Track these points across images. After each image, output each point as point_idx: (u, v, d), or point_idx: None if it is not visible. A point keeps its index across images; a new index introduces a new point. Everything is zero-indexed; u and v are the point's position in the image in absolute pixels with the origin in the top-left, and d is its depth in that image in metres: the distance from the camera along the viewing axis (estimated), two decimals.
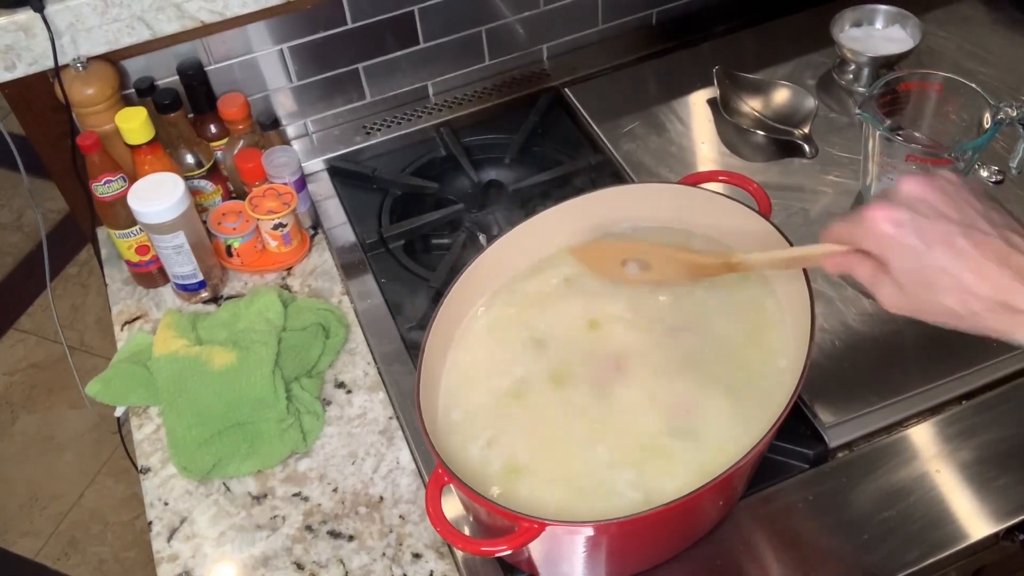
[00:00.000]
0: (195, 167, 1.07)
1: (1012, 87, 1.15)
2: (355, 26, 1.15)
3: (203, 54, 1.10)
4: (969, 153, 0.95)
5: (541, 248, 0.88)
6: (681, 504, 0.66)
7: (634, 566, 0.80)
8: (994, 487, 0.83)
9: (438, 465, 0.70)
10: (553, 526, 0.66)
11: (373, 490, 0.89)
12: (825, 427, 0.86)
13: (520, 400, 0.79)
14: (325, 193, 1.18)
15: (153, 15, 1.03)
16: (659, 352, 0.81)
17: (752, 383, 0.77)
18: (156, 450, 0.94)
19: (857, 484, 0.84)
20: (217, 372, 0.92)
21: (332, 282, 1.08)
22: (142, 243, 1.04)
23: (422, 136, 1.24)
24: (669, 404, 0.77)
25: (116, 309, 1.08)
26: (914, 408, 0.88)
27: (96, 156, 0.98)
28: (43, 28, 0.98)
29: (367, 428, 0.94)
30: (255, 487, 0.91)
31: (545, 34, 1.28)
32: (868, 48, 1.16)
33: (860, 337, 0.93)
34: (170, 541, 0.88)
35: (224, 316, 1.00)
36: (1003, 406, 0.88)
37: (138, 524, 1.96)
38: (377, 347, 1.00)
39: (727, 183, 0.89)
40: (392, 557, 0.84)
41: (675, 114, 1.19)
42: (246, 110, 1.09)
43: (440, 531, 0.68)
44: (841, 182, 1.08)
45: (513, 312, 0.85)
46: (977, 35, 1.23)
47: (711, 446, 0.74)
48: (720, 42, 1.30)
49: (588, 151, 1.19)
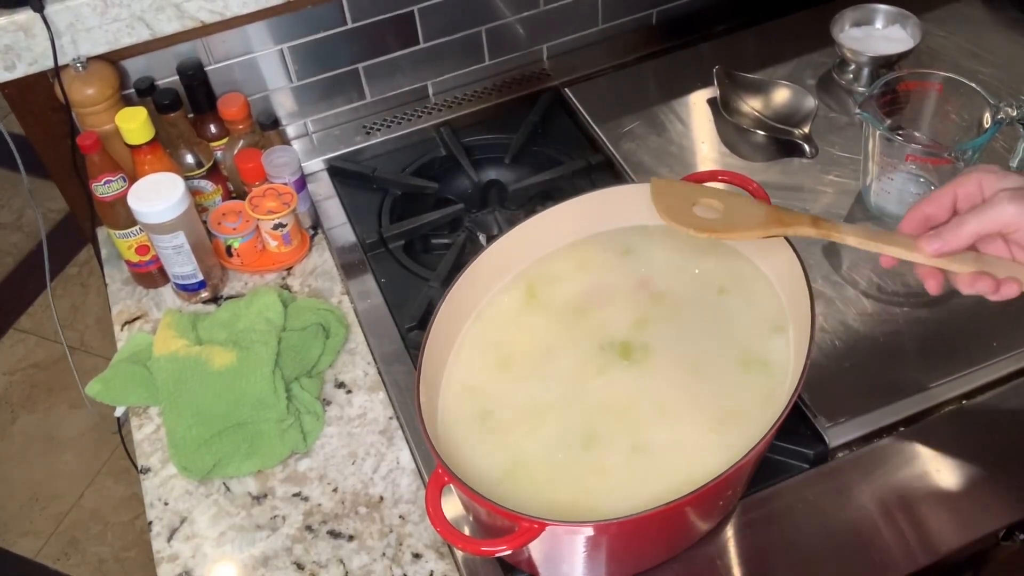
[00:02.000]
0: (195, 167, 1.07)
1: (1012, 87, 1.15)
2: (355, 26, 1.15)
3: (203, 54, 1.10)
4: (969, 153, 0.95)
5: (541, 248, 0.88)
6: (681, 504, 0.66)
7: (634, 566, 0.80)
8: (994, 487, 0.83)
9: (438, 465, 0.70)
10: (553, 526, 0.66)
11: (373, 490, 0.89)
12: (825, 427, 0.86)
13: (521, 400, 0.79)
14: (325, 193, 1.18)
15: (153, 15, 1.03)
16: (663, 352, 0.81)
17: (752, 383, 0.77)
18: (156, 450, 0.94)
19: (857, 484, 0.84)
20: (217, 372, 0.92)
21: (332, 282, 1.08)
22: (142, 243, 1.04)
23: (422, 136, 1.24)
24: (670, 404, 0.77)
25: (116, 309, 1.08)
26: (914, 408, 0.88)
27: (96, 156, 0.98)
28: (43, 28, 0.98)
29: (367, 428, 0.94)
30: (255, 487, 0.91)
31: (545, 34, 1.28)
32: (868, 48, 1.16)
33: (860, 337, 0.93)
34: (170, 541, 0.88)
35: (224, 316, 1.00)
36: (1003, 406, 0.88)
37: (138, 524, 1.96)
38: (377, 347, 1.00)
39: (727, 183, 0.89)
40: (392, 557, 0.84)
41: (675, 114, 1.19)
42: (246, 110, 1.09)
43: (440, 531, 0.68)
44: (841, 182, 1.08)
45: (514, 312, 0.85)
46: (977, 35, 1.23)
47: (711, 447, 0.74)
48: (720, 42, 1.30)
49: (588, 151, 1.19)
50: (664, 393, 0.78)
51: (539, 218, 0.86)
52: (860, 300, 0.96)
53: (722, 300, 0.83)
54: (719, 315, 0.82)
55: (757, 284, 0.84)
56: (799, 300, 0.76)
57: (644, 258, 0.87)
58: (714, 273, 0.85)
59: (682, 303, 0.84)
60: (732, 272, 0.85)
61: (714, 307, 0.83)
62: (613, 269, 0.87)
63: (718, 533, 0.82)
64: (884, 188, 1.02)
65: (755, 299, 0.83)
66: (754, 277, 0.84)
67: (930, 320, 0.94)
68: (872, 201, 1.04)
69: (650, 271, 0.86)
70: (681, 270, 0.86)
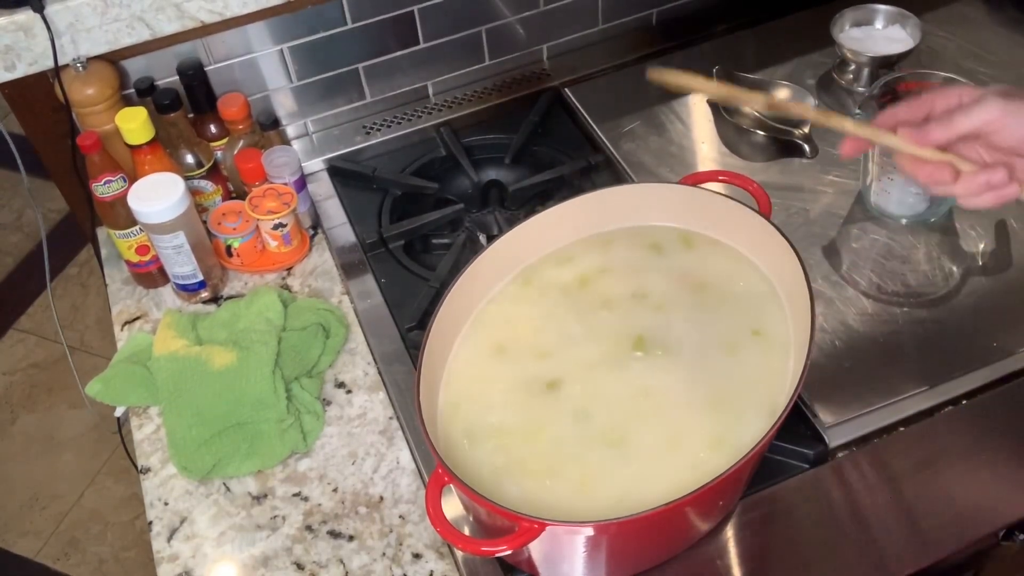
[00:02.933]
0: (195, 167, 1.07)
1: None
2: (355, 26, 1.15)
3: (203, 54, 1.10)
4: None
5: (541, 248, 0.88)
6: (681, 504, 0.66)
7: (634, 566, 0.80)
8: (994, 487, 0.83)
9: (438, 465, 0.70)
10: (553, 526, 0.66)
11: (373, 490, 0.89)
12: (825, 427, 0.87)
13: (521, 400, 0.79)
14: (325, 193, 1.18)
15: (153, 15, 1.03)
16: (661, 352, 0.81)
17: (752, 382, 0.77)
18: (156, 450, 0.94)
19: (857, 484, 0.84)
20: (217, 372, 0.92)
21: (332, 282, 1.08)
22: (142, 243, 1.04)
23: (422, 136, 1.24)
24: (671, 404, 0.77)
25: (116, 309, 1.08)
26: (914, 408, 0.88)
27: (96, 156, 0.98)
28: (43, 28, 0.98)
29: (367, 428, 0.94)
30: (255, 487, 0.91)
31: (545, 34, 1.28)
32: (868, 48, 1.16)
33: (860, 337, 0.93)
34: (170, 541, 0.88)
35: (224, 316, 1.00)
36: (1003, 406, 0.88)
37: (138, 524, 1.96)
38: (377, 347, 1.00)
39: (727, 183, 0.89)
40: (392, 557, 0.84)
41: (675, 114, 1.19)
42: (246, 110, 1.09)
43: (440, 531, 0.68)
44: (841, 182, 1.08)
45: (513, 312, 0.85)
46: (977, 35, 1.23)
47: (711, 446, 0.74)
48: (720, 42, 1.30)
49: (588, 151, 1.19)
50: (663, 393, 0.78)
51: (539, 218, 0.86)
52: (860, 300, 0.96)
53: (721, 300, 0.83)
54: (717, 315, 0.82)
55: (757, 284, 0.84)
56: (799, 300, 0.76)
57: (644, 258, 0.87)
58: (713, 273, 0.85)
59: (681, 303, 0.84)
60: (731, 272, 0.85)
61: (713, 307, 0.83)
62: (613, 269, 0.87)
63: (718, 533, 0.82)
64: (884, 188, 1.02)
65: (755, 299, 0.83)
66: (753, 277, 0.84)
67: (930, 320, 0.94)
68: (872, 201, 1.04)
69: (650, 271, 0.86)
70: (680, 270, 0.86)
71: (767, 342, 0.79)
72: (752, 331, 0.80)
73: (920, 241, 1.02)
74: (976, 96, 0.70)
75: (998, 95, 0.68)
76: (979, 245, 1.01)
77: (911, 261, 1.00)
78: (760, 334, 0.80)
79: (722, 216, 0.85)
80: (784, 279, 0.81)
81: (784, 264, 0.79)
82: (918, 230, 1.03)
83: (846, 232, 1.03)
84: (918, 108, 0.73)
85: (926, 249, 1.01)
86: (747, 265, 0.85)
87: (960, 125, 0.68)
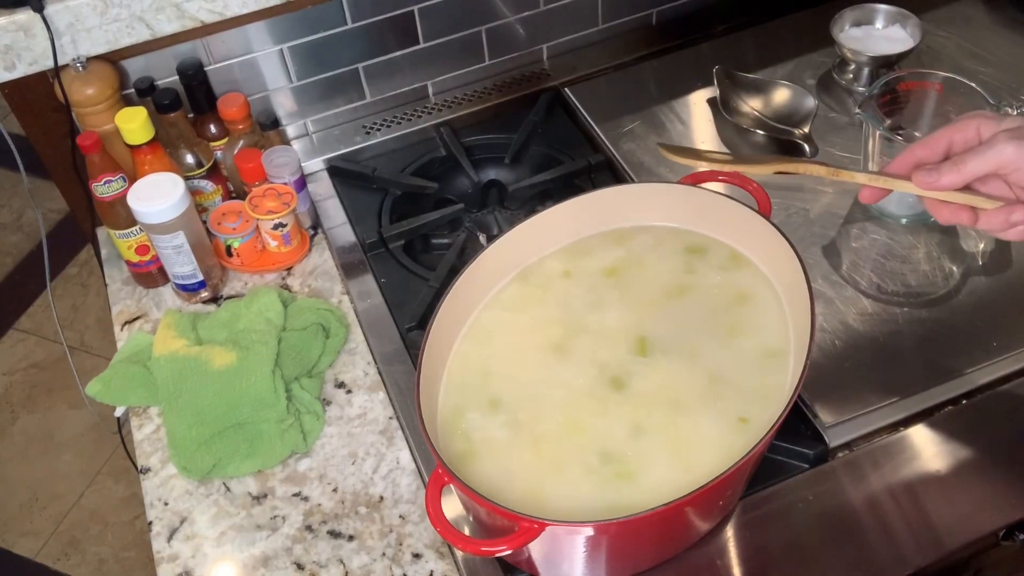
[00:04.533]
0: (195, 167, 1.07)
1: (1012, 87, 1.15)
2: (355, 26, 1.15)
3: (203, 54, 1.10)
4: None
5: (542, 248, 0.88)
6: (681, 504, 0.66)
7: (634, 566, 0.80)
8: (994, 487, 0.83)
9: (438, 465, 0.70)
10: (553, 526, 0.66)
11: (373, 490, 0.89)
12: (825, 427, 0.87)
13: (521, 400, 0.79)
14: (325, 193, 1.18)
15: (153, 15, 1.03)
16: (661, 352, 0.81)
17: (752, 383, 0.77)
18: (156, 450, 0.94)
19: (857, 484, 0.84)
20: (217, 372, 0.92)
21: (332, 282, 1.08)
22: (142, 243, 1.04)
23: (422, 136, 1.24)
24: (671, 404, 0.77)
25: (116, 309, 1.08)
26: (914, 408, 0.88)
27: (96, 156, 0.98)
28: (43, 28, 0.98)
29: (367, 428, 0.94)
30: (255, 487, 0.91)
31: (545, 34, 1.28)
32: (868, 48, 1.16)
33: (860, 337, 0.93)
34: (170, 541, 0.88)
35: (224, 316, 1.00)
36: (1003, 406, 0.88)
37: (138, 524, 1.96)
38: (377, 347, 1.00)
39: (727, 183, 0.89)
40: (392, 557, 0.84)
41: (675, 114, 1.19)
42: (246, 110, 1.09)
43: (440, 531, 0.68)
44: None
45: (513, 312, 0.85)
46: (977, 35, 1.23)
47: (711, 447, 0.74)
48: (720, 42, 1.30)
49: (588, 151, 1.19)
50: (663, 394, 0.78)
51: (539, 218, 0.86)
52: (860, 300, 0.96)
53: (720, 300, 0.83)
54: (717, 315, 0.82)
55: (757, 284, 0.84)
56: (799, 300, 0.76)
57: (644, 258, 0.87)
58: (713, 273, 0.85)
59: (680, 303, 0.84)
60: (731, 271, 0.85)
61: (713, 307, 0.83)
62: (613, 269, 0.87)
63: (718, 533, 0.82)
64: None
65: (755, 298, 0.83)
66: (753, 276, 0.84)
67: (930, 320, 0.94)
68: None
69: (650, 271, 0.86)
70: (680, 269, 0.86)
71: (767, 342, 0.79)
72: (752, 331, 0.80)
73: (920, 241, 1.02)
74: (989, 134, 0.69)
75: (1010, 137, 0.67)
76: (979, 245, 1.01)
77: (911, 261, 1.00)
78: (760, 334, 0.80)
79: (722, 216, 0.85)
80: (784, 279, 0.81)
81: (784, 264, 0.79)
82: (918, 230, 1.03)
83: (846, 232, 1.04)
84: (936, 145, 0.72)
85: (926, 249, 1.01)
86: (747, 265, 0.85)
87: (973, 169, 0.68)
